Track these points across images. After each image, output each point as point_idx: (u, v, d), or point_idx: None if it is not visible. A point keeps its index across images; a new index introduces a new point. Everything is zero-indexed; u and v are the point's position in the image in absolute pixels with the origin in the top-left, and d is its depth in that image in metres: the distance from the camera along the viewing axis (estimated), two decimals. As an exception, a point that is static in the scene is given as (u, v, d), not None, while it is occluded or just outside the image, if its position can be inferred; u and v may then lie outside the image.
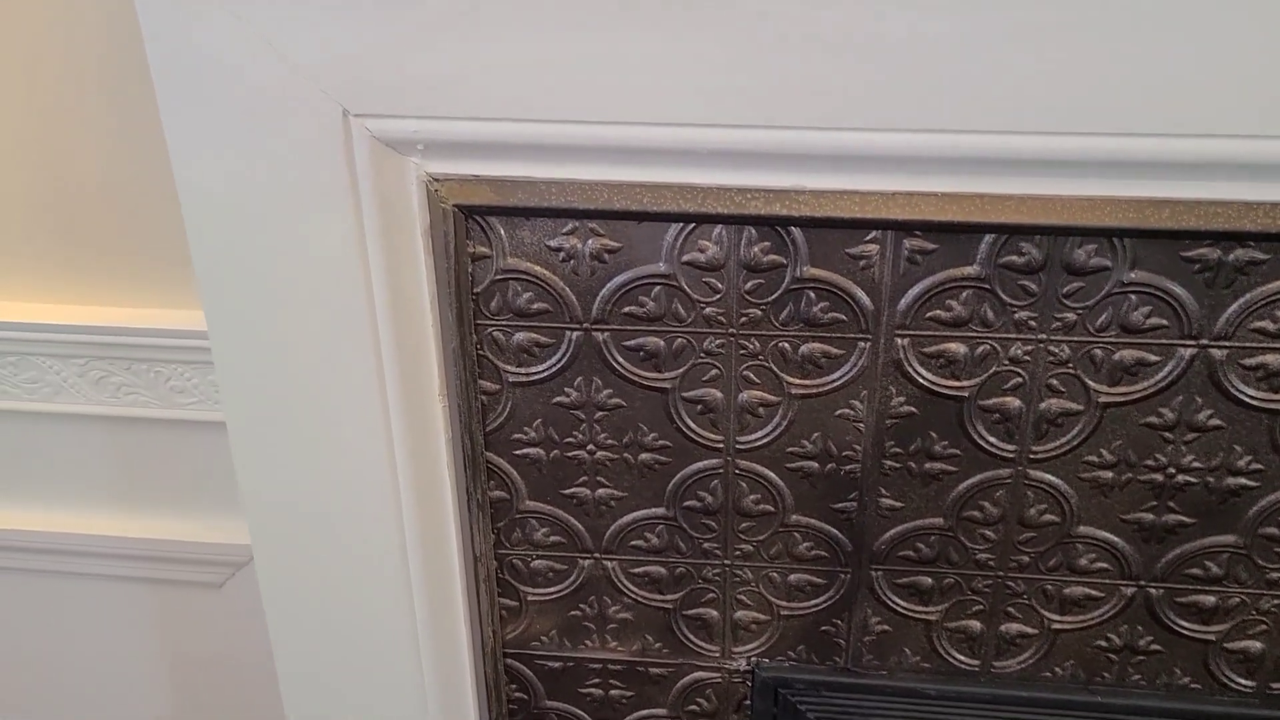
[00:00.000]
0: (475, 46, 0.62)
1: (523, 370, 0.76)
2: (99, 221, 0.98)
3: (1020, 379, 0.72)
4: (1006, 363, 0.72)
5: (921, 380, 0.73)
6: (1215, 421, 0.72)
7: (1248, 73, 0.58)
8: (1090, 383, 0.72)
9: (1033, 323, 0.70)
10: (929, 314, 0.71)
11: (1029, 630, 0.82)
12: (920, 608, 0.82)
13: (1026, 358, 0.71)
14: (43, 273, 1.01)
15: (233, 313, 0.73)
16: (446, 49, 0.62)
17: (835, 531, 0.80)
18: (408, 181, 0.68)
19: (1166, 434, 0.73)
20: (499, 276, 0.72)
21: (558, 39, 0.61)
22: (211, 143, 0.67)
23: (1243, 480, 0.74)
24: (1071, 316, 0.70)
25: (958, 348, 0.72)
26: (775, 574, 0.82)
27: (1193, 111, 0.60)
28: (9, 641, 1.24)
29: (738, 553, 0.82)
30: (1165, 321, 0.69)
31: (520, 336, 0.75)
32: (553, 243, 0.71)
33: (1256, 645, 0.81)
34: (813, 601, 0.83)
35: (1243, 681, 0.82)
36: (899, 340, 0.72)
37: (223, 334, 0.74)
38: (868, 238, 0.69)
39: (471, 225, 0.71)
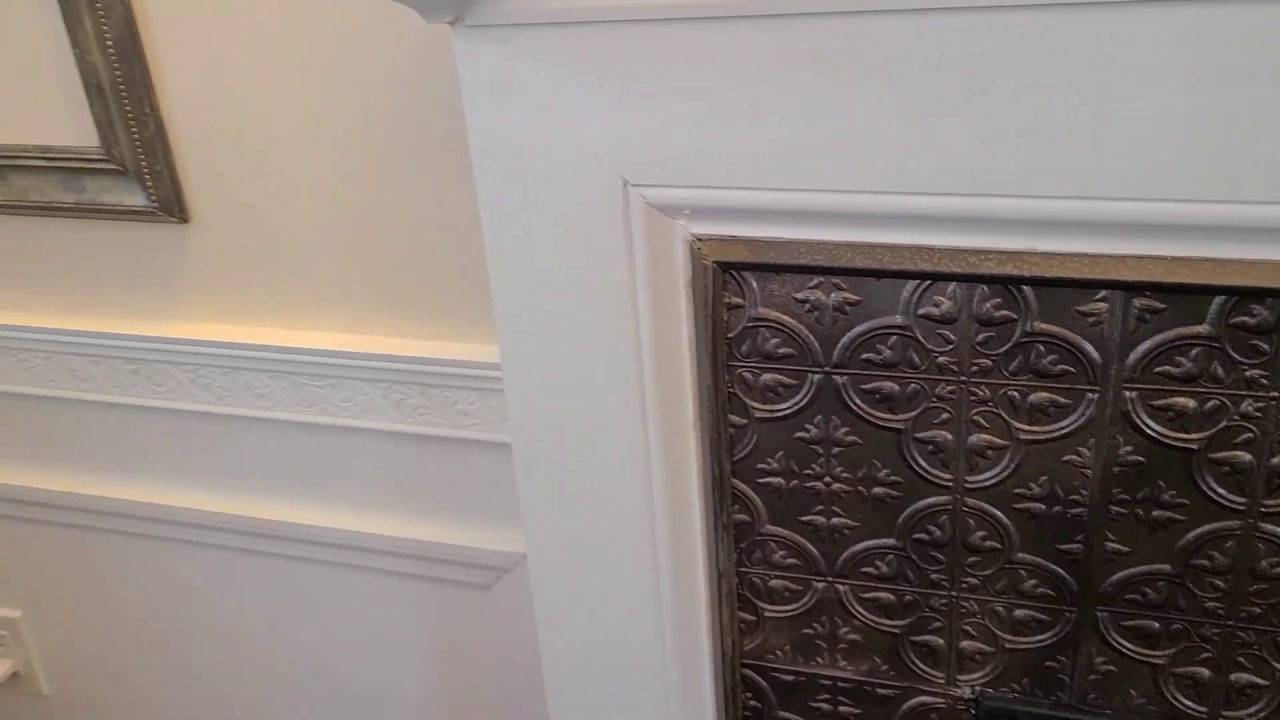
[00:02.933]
0: (739, 129, 0.72)
1: (768, 407, 0.85)
2: (404, 269, 1.14)
3: (1251, 434, 0.74)
4: (1237, 418, 0.74)
5: (1149, 431, 0.77)
6: None
7: None
8: (1325, 440, 0.73)
9: (1264, 380, 0.73)
10: (1158, 369, 0.74)
11: (1260, 681, 0.83)
12: (1147, 651, 0.85)
13: (1258, 414, 0.74)
14: (358, 310, 1.19)
15: (524, 349, 0.85)
16: (714, 131, 0.72)
17: (1061, 571, 0.84)
18: (674, 241, 0.79)
19: None
20: (750, 324, 0.82)
21: (812, 122, 0.70)
22: (515, 205, 0.80)
23: None
24: (1305, 375, 0.72)
25: (1187, 402, 0.75)
26: (1000, 608, 0.87)
27: None
28: (308, 623, 1.43)
29: (964, 585, 0.87)
30: (1406, 383, 0.70)
31: (767, 377, 0.83)
32: (799, 295, 0.80)
33: None
34: (1037, 637, 0.87)
35: None
36: (1127, 393, 0.76)
37: (514, 366, 0.86)
38: (1097, 296, 0.73)
39: (728, 279, 0.80)
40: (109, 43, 1.09)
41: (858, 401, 0.82)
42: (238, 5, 1.06)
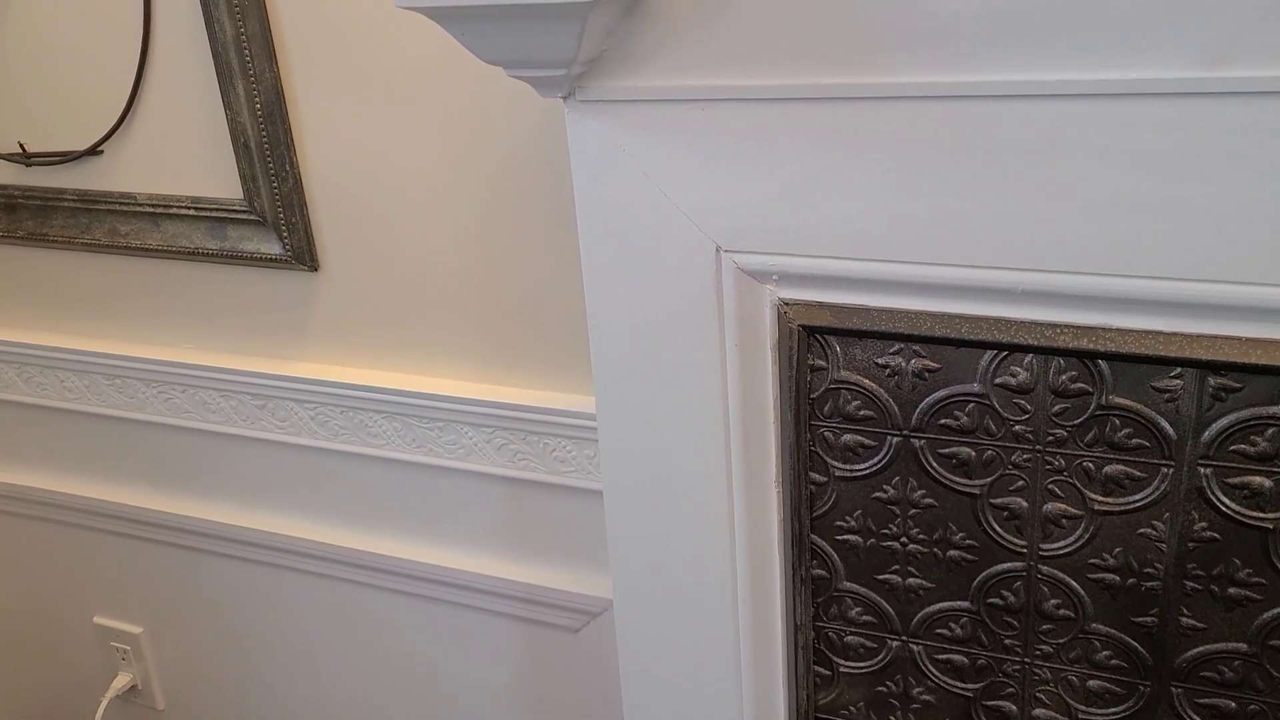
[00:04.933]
0: (827, 201, 0.77)
1: (848, 467, 0.88)
2: (512, 322, 1.21)
3: (1329, 516, 0.75)
4: (1314, 499, 0.75)
5: (1225, 509, 0.78)
6: None
7: None
8: (1406, 526, 0.73)
9: (1342, 463, 0.73)
10: (1233, 447, 0.76)
11: (1341, 770, 0.82)
12: (1223, 731, 0.85)
13: (1335, 496, 0.74)
14: (467, 359, 1.26)
15: (617, 401, 0.91)
16: (804, 203, 0.77)
17: (1135, 644, 0.85)
18: (762, 304, 0.83)
19: None
20: (832, 385, 0.86)
21: (896, 197, 0.75)
22: (614, 265, 0.86)
23: None
24: (1384, 460, 0.72)
25: (1262, 481, 0.76)
26: (1074, 678, 0.88)
27: None
28: (403, 652, 1.49)
29: (1037, 652, 0.88)
30: None
31: (847, 437, 0.87)
32: (880, 360, 0.83)
33: None
34: (1111, 709, 0.88)
35: None
36: (1202, 469, 0.77)
37: (608, 417, 0.92)
38: (1173, 373, 0.75)
39: (812, 342, 0.85)
40: (258, 106, 1.20)
41: (935, 465, 0.85)
42: (374, 77, 1.16)
